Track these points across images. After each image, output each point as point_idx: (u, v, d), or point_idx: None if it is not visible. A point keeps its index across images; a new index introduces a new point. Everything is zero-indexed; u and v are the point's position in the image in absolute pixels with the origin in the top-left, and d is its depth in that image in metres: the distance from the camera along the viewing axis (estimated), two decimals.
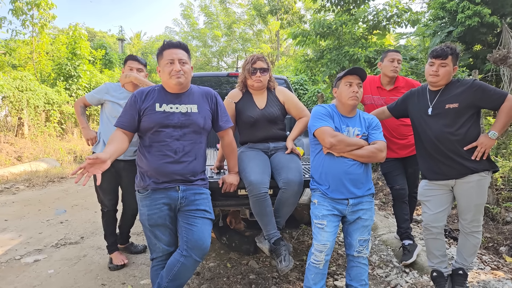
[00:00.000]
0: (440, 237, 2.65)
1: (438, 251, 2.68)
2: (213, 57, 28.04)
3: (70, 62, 13.37)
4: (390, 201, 5.16)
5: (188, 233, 2.14)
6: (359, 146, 2.30)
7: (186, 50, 2.26)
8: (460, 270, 2.62)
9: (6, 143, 9.97)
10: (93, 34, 29.27)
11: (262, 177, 2.44)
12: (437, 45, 2.61)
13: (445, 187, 2.58)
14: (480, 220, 2.55)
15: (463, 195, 2.51)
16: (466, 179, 2.47)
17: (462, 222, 2.58)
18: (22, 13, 12.39)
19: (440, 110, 2.51)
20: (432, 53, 2.54)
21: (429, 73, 2.56)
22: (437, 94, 2.57)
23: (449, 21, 7.90)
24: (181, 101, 2.23)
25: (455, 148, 2.47)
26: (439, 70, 2.51)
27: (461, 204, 2.55)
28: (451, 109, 2.47)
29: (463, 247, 2.62)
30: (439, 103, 2.53)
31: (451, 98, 2.50)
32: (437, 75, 2.51)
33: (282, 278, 3.00)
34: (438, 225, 2.62)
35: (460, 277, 2.61)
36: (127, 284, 2.94)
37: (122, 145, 2.13)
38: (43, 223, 4.68)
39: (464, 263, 2.62)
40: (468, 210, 2.51)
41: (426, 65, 2.62)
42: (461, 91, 2.48)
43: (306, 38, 9.49)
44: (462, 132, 2.46)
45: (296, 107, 2.86)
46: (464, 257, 2.62)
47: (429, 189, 2.65)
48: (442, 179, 2.56)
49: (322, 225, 2.31)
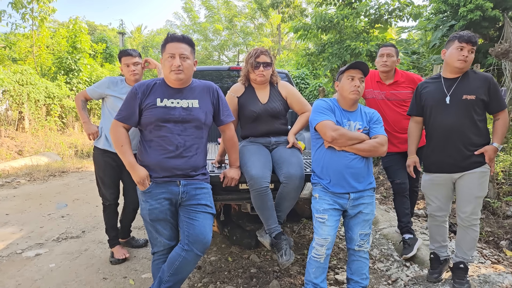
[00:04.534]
0: (444, 224, 2.77)
1: (441, 236, 2.79)
2: (214, 51, 27.94)
3: (70, 56, 13.32)
4: (391, 195, 5.16)
5: (189, 228, 2.14)
6: (361, 140, 2.29)
7: (190, 44, 2.22)
8: (461, 264, 2.63)
9: (7, 137, 9.98)
10: (93, 28, 29.11)
11: (263, 172, 2.44)
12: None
13: (448, 180, 2.62)
14: (479, 214, 2.57)
15: (466, 186, 2.53)
16: (471, 172, 2.50)
17: (461, 216, 2.59)
18: (21, 6, 12.31)
19: (458, 100, 2.50)
20: (461, 37, 2.45)
21: (458, 58, 2.47)
22: (454, 83, 2.54)
23: (451, 15, 7.84)
24: (182, 96, 2.22)
25: (467, 140, 2.50)
26: (468, 57, 2.45)
27: (462, 196, 2.56)
28: (468, 100, 2.47)
29: (463, 240, 2.63)
30: (457, 93, 2.52)
31: (468, 89, 2.49)
32: (466, 61, 2.46)
33: (283, 271, 3.01)
34: (443, 214, 2.73)
35: (461, 271, 2.62)
36: (128, 278, 2.95)
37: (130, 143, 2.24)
38: (44, 217, 4.69)
39: (464, 256, 2.63)
40: (469, 202, 2.53)
41: (450, 49, 2.53)
42: (479, 84, 2.49)
43: (307, 32, 9.45)
44: (475, 125, 2.49)
45: (299, 102, 2.85)
46: (464, 251, 2.63)
47: (432, 183, 2.70)
48: (448, 172, 2.59)
49: (323, 219, 2.31)
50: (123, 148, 2.16)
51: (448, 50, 2.57)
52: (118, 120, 2.19)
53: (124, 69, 3.12)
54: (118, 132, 2.19)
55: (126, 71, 3.11)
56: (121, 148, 2.17)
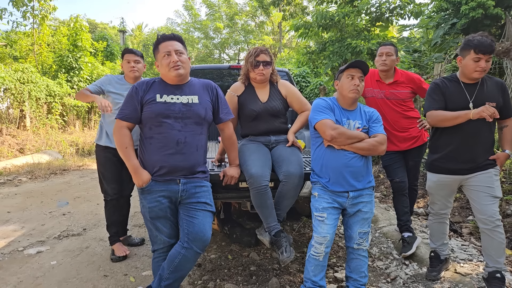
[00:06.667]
0: (446, 221, 2.79)
1: (442, 233, 2.81)
2: (215, 49, 27.91)
3: (71, 54, 13.33)
4: (390, 194, 5.16)
5: (189, 226, 2.15)
6: (360, 139, 2.30)
7: (181, 41, 2.28)
8: (497, 273, 2.45)
9: (8, 135, 10.00)
10: (94, 26, 29.11)
11: (263, 170, 2.45)
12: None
13: (456, 181, 2.61)
14: (499, 215, 2.45)
15: (481, 186, 2.48)
16: (486, 172, 2.50)
17: (482, 219, 2.46)
18: (22, 4, 12.29)
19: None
20: (479, 47, 2.33)
21: (475, 69, 2.39)
22: (475, 88, 2.48)
23: (453, 13, 7.81)
24: (182, 92, 2.23)
25: (486, 145, 2.51)
26: (486, 67, 2.36)
27: (479, 197, 2.48)
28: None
29: (490, 247, 2.47)
30: (480, 99, 2.44)
31: (490, 96, 2.45)
32: (484, 71, 2.39)
33: (282, 269, 3.02)
34: (446, 211, 2.75)
35: (497, 281, 2.44)
36: (129, 275, 2.97)
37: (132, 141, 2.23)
38: (46, 215, 4.71)
39: (497, 265, 2.46)
40: (488, 202, 2.45)
41: (467, 59, 2.42)
42: (497, 92, 2.48)
43: (308, 30, 9.44)
44: (490, 131, 2.51)
45: (298, 101, 2.86)
46: (495, 259, 2.46)
47: (440, 183, 2.67)
48: (458, 174, 2.57)
49: (322, 218, 2.32)
50: (127, 151, 2.16)
51: (464, 60, 2.45)
52: (121, 119, 2.20)
53: (125, 65, 3.19)
54: (122, 134, 2.18)
55: (126, 67, 3.18)
56: (125, 150, 2.17)
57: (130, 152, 2.17)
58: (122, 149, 2.18)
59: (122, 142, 2.18)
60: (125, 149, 2.17)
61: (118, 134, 2.19)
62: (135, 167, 2.14)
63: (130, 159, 2.16)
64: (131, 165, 2.15)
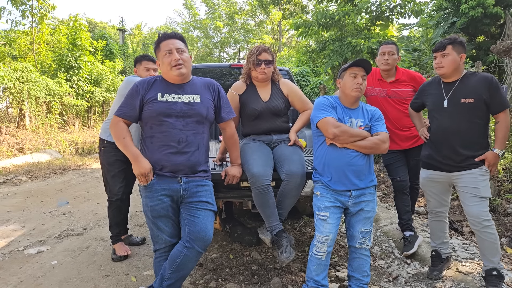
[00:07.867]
0: (445, 220, 2.80)
1: (441, 232, 2.81)
2: (215, 48, 27.87)
3: (70, 53, 13.31)
4: (392, 193, 5.16)
5: (191, 225, 2.15)
6: (362, 137, 2.29)
7: (182, 39, 2.26)
8: (493, 270, 2.48)
9: (8, 134, 9.98)
10: (93, 25, 29.01)
11: (265, 169, 2.44)
12: (440, 37, 2.66)
13: (445, 178, 2.63)
14: (488, 215, 2.47)
15: (465, 187, 2.51)
16: (469, 172, 2.49)
17: (469, 219, 2.53)
18: (21, 3, 12.23)
19: (456, 104, 2.51)
20: (432, 50, 2.61)
21: (435, 67, 2.60)
22: (453, 86, 2.56)
23: (453, 12, 7.82)
24: (183, 91, 2.22)
25: (466, 141, 2.50)
26: (442, 61, 2.54)
27: (464, 198, 2.54)
28: (466, 104, 2.47)
29: (482, 247, 2.52)
30: (455, 96, 2.53)
31: (466, 92, 2.49)
32: (441, 66, 2.54)
33: (284, 269, 3.02)
34: (443, 209, 2.76)
35: (494, 278, 2.48)
36: (130, 275, 2.96)
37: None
38: (46, 214, 4.70)
39: (492, 264, 2.49)
40: (472, 203, 2.48)
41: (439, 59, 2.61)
42: (477, 86, 2.47)
43: (308, 29, 9.42)
44: (476, 127, 2.50)
45: (300, 100, 2.85)
46: (489, 258, 2.50)
47: (429, 180, 2.72)
48: (445, 171, 2.59)
49: (325, 217, 2.32)
50: (125, 140, 2.14)
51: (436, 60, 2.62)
52: (119, 116, 2.19)
53: (143, 72, 3.25)
54: (119, 127, 2.17)
55: (145, 75, 3.21)
56: (123, 140, 2.14)
57: (128, 141, 2.14)
58: (120, 140, 2.15)
59: (120, 133, 2.16)
60: (123, 139, 2.14)
61: (115, 126, 2.18)
62: (135, 154, 2.11)
63: (129, 147, 2.12)
64: (131, 153, 2.11)
